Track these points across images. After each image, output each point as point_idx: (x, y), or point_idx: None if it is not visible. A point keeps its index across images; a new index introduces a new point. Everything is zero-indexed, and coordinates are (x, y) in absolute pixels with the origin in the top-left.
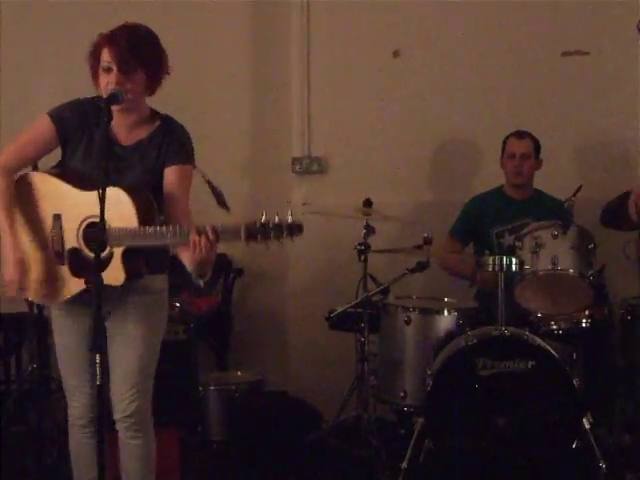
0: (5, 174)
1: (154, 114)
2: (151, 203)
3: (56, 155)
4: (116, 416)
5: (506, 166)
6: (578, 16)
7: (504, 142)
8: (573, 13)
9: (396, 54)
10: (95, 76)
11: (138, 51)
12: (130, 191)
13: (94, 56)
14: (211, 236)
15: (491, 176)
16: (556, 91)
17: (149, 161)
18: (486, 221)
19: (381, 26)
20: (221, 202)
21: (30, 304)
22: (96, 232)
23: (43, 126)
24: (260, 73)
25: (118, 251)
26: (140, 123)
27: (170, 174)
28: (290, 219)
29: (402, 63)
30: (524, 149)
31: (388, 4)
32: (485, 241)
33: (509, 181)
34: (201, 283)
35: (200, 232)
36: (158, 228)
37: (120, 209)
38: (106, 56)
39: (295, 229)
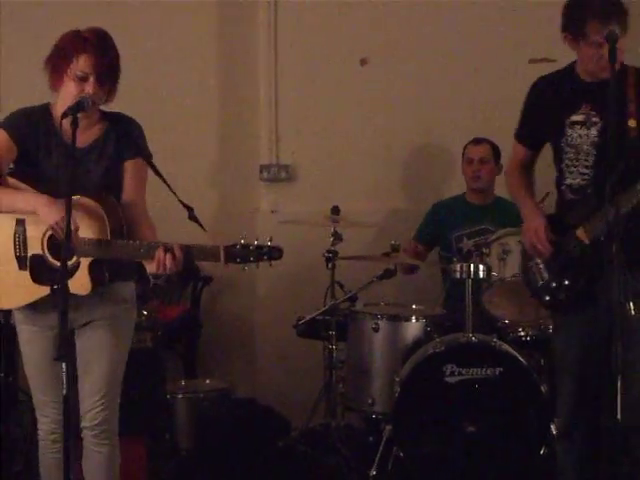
0: None
1: (102, 113)
2: (118, 211)
3: None
4: (83, 424)
5: (465, 172)
6: (545, 23)
7: (463, 149)
8: (540, 20)
9: (363, 62)
10: (58, 76)
11: (113, 63)
12: (99, 199)
13: (65, 58)
14: (177, 255)
15: (459, 183)
16: (522, 98)
17: (108, 159)
18: (446, 226)
19: (348, 34)
20: (194, 218)
21: None
22: (62, 241)
23: (1, 138)
24: (227, 81)
25: (86, 261)
26: (92, 124)
27: (128, 170)
28: (269, 243)
29: (370, 71)
30: (481, 154)
31: (355, 12)
32: (446, 245)
33: (469, 187)
34: (156, 281)
35: (167, 249)
36: (130, 242)
37: (90, 218)
38: (84, 64)
39: (275, 253)
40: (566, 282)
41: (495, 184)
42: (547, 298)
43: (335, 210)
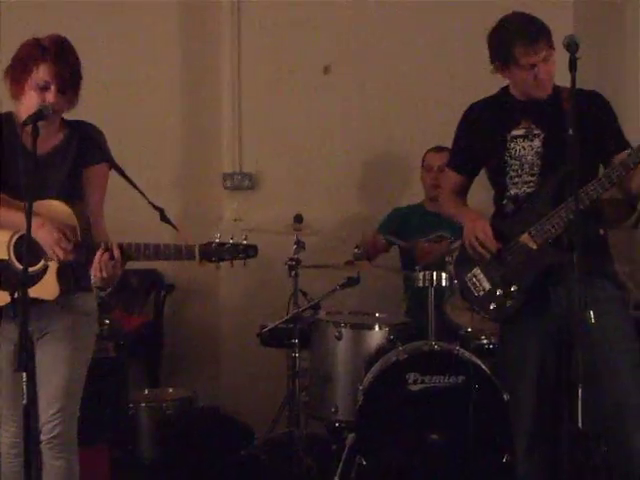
0: None
1: (64, 121)
2: (87, 217)
3: None
4: (41, 437)
5: (425, 180)
6: None
7: (423, 157)
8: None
9: (327, 70)
10: (18, 86)
11: (74, 70)
12: (70, 204)
13: (25, 67)
14: (116, 254)
15: (421, 191)
16: None
17: (69, 165)
18: (406, 233)
19: (311, 42)
20: (165, 219)
21: None
22: (25, 246)
23: None
24: (190, 88)
25: (54, 265)
26: (54, 132)
27: (88, 176)
28: (244, 241)
29: (332, 79)
30: (441, 162)
31: (319, 20)
32: (406, 250)
33: (428, 194)
34: (101, 294)
35: (105, 249)
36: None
37: (62, 222)
38: (45, 74)
39: (250, 251)
40: (513, 288)
41: None
42: (492, 307)
43: (298, 218)
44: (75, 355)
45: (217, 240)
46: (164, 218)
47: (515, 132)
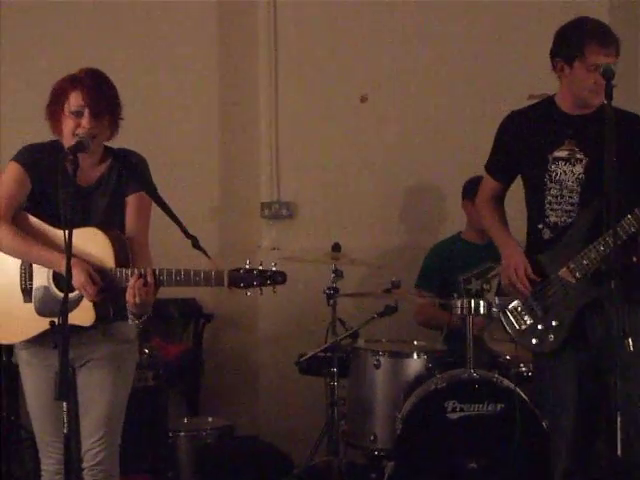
0: (8, 224)
1: (107, 150)
2: (125, 244)
3: None
4: (84, 464)
5: (470, 211)
6: (544, 59)
7: (468, 187)
8: (539, 56)
9: (363, 99)
10: (56, 120)
11: (106, 94)
12: (106, 230)
13: (58, 100)
14: (149, 280)
15: (459, 220)
16: None
17: (112, 195)
18: (451, 269)
19: (348, 71)
20: (198, 246)
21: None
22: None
23: (17, 173)
24: (229, 117)
25: None
26: (97, 162)
27: (130, 204)
28: (274, 268)
29: (369, 108)
30: None
31: (355, 49)
32: (452, 289)
33: (473, 226)
34: (135, 323)
35: (140, 275)
36: (127, 271)
37: (97, 249)
38: (76, 99)
39: (278, 278)
40: (554, 323)
41: None
42: (534, 342)
43: (336, 247)
44: (117, 383)
45: (246, 266)
46: (197, 246)
47: (558, 153)
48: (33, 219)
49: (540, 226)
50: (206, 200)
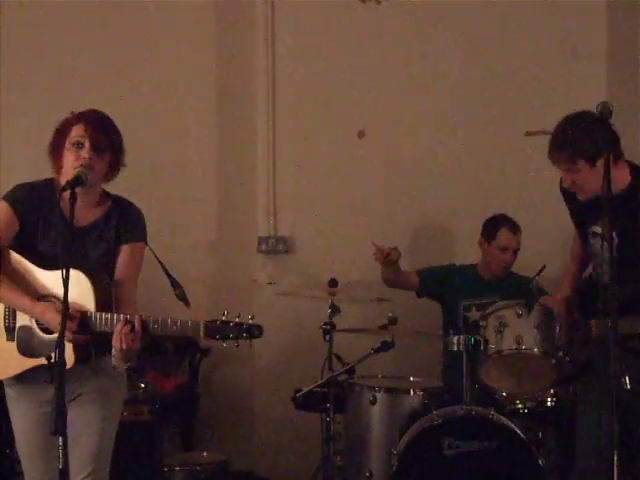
0: None
1: (105, 194)
2: (109, 289)
3: None
4: None
5: (493, 255)
6: (541, 95)
7: (494, 230)
8: (536, 92)
9: (361, 134)
10: (57, 154)
11: (108, 130)
12: (91, 275)
13: (61, 133)
14: (137, 327)
15: (457, 256)
16: (519, 170)
17: (108, 241)
18: (455, 291)
19: (345, 106)
20: (181, 297)
21: None
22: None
23: (5, 212)
24: (226, 153)
25: (70, 335)
26: (94, 203)
27: (124, 252)
28: (251, 321)
29: (367, 143)
30: (517, 245)
31: (352, 84)
32: (451, 311)
33: (489, 268)
34: (121, 367)
35: (126, 322)
36: (106, 316)
37: (79, 292)
38: (78, 131)
39: (254, 331)
40: (567, 359)
41: None
42: (553, 361)
43: (333, 282)
44: (105, 418)
45: (223, 318)
46: (181, 296)
47: (594, 229)
48: (16, 257)
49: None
50: (203, 234)
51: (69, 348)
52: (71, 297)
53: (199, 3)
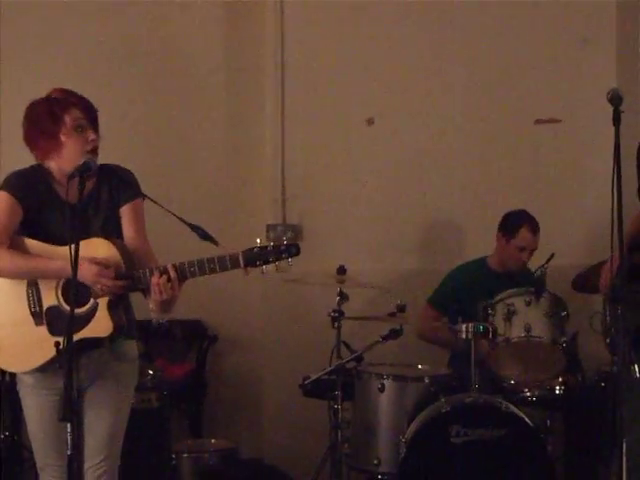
0: (4, 248)
1: None
2: (128, 249)
3: None
4: None
5: (511, 253)
6: (550, 84)
7: (515, 227)
8: (546, 81)
9: (370, 122)
10: (54, 141)
11: (94, 108)
12: (110, 239)
13: (54, 120)
14: (172, 275)
15: (464, 244)
16: (529, 158)
17: (105, 209)
18: (471, 293)
19: (355, 94)
20: (206, 236)
21: (1, 371)
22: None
23: (7, 201)
24: (234, 140)
25: (103, 301)
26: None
27: (125, 213)
28: (285, 242)
29: (376, 131)
30: (535, 245)
31: (362, 72)
32: (469, 313)
33: (504, 264)
34: (161, 322)
35: (161, 272)
36: (141, 271)
37: (106, 256)
38: (76, 114)
39: (292, 249)
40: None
41: None
42: (608, 341)
43: (341, 270)
44: (120, 402)
45: (259, 244)
46: (204, 236)
47: None
48: (31, 241)
49: None
50: (211, 222)
51: (105, 316)
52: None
53: None
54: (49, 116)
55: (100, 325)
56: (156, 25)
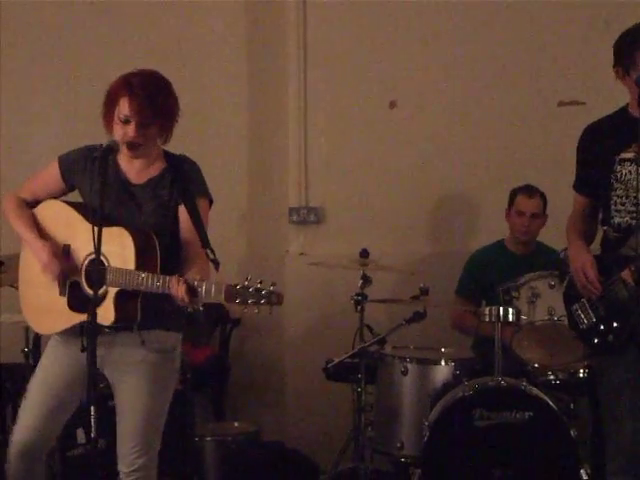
0: (19, 203)
1: (165, 153)
2: (153, 247)
3: None
4: (121, 469)
5: (513, 222)
6: (574, 66)
7: (513, 196)
8: (569, 63)
9: (392, 105)
10: (108, 122)
11: (156, 104)
12: (133, 232)
13: (111, 103)
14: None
15: (488, 227)
16: (552, 141)
17: (161, 199)
18: (490, 277)
19: (377, 77)
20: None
21: (26, 355)
22: (94, 270)
23: (50, 169)
24: (257, 125)
25: (113, 291)
26: (150, 162)
27: (182, 212)
28: (272, 288)
29: (399, 114)
30: (534, 209)
31: (384, 55)
32: (490, 297)
33: (514, 237)
34: (198, 308)
35: (178, 281)
36: (149, 275)
37: (119, 249)
38: (125, 108)
39: (273, 298)
40: (615, 324)
41: None
42: (596, 341)
43: (364, 253)
44: (153, 392)
45: (245, 283)
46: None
47: (624, 155)
48: (64, 208)
49: (605, 227)
50: (234, 206)
51: (110, 306)
52: (111, 253)
53: None
54: (110, 96)
55: (105, 313)
56: (177, 27)
